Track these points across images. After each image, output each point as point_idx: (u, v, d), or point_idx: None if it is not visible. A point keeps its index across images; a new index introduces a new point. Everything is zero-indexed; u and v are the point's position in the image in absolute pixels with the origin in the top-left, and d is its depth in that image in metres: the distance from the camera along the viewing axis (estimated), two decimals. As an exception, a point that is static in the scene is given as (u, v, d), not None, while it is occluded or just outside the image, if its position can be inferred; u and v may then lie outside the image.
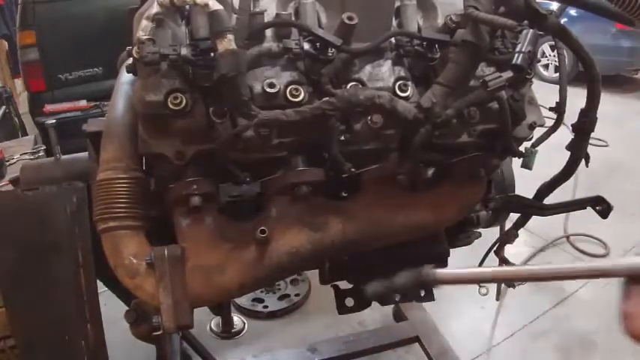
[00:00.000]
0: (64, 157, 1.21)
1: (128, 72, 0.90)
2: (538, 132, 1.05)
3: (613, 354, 2.32)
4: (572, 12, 4.02)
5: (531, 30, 0.77)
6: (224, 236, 0.84)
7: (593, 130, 0.99)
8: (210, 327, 2.55)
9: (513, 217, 1.22)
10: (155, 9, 0.80)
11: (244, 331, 2.56)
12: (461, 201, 0.97)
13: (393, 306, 2.47)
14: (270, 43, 0.85)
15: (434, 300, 1.00)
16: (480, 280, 0.62)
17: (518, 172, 1.21)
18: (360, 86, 0.87)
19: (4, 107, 3.58)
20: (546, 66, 5.92)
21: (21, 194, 1.08)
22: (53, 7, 3.78)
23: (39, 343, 1.11)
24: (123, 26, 1.02)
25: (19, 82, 5.22)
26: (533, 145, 1.04)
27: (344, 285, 0.99)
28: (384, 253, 0.92)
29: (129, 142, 0.88)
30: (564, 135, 1.07)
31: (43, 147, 1.70)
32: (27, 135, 3.44)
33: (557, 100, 1.00)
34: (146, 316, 0.81)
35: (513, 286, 2.20)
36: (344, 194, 0.94)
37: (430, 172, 1.02)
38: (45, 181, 1.13)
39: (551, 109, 1.02)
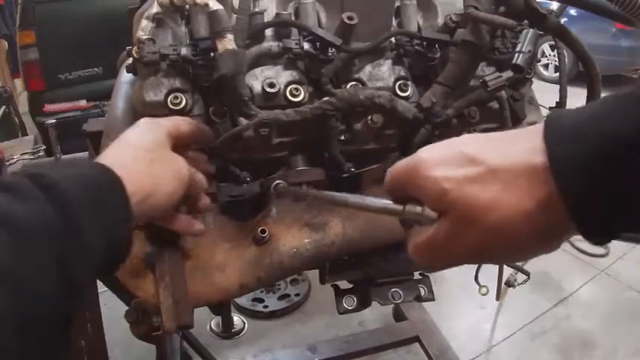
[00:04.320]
0: (64, 157, 1.21)
1: (128, 72, 0.90)
2: (538, 132, 1.05)
3: (613, 354, 2.32)
4: (572, 12, 4.02)
5: (531, 30, 0.77)
6: (224, 236, 0.84)
7: (593, 130, 0.99)
8: (211, 327, 2.55)
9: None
10: (155, 9, 0.80)
11: (244, 331, 2.57)
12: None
13: (393, 306, 2.48)
14: (270, 43, 0.85)
15: (434, 300, 1.00)
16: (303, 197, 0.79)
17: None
18: (360, 86, 0.87)
19: (4, 107, 3.58)
20: (546, 66, 5.93)
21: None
22: (53, 7, 3.79)
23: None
24: (123, 26, 1.02)
25: (19, 82, 5.23)
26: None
27: (344, 285, 0.99)
28: (384, 252, 0.92)
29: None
30: (564, 135, 1.07)
31: (43, 147, 1.70)
32: (27, 135, 3.44)
33: (558, 100, 1.00)
34: (146, 316, 0.81)
35: (514, 286, 2.20)
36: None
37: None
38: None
39: (551, 108, 1.02)
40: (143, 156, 0.65)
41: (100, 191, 0.56)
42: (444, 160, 0.48)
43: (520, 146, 0.45)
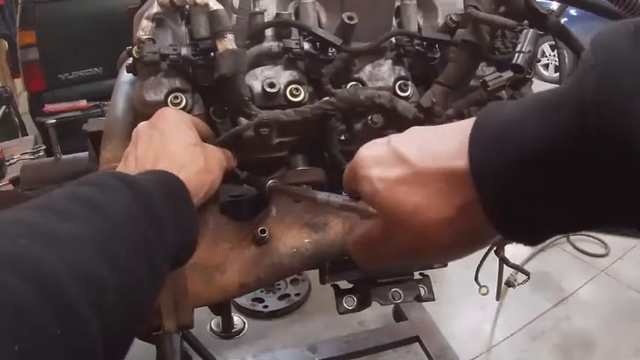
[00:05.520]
0: (64, 157, 1.21)
1: (128, 72, 0.90)
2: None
3: (613, 354, 2.32)
4: (572, 12, 4.02)
5: (531, 30, 0.77)
6: (224, 236, 0.84)
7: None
8: (211, 327, 2.55)
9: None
10: (155, 9, 0.80)
11: (244, 330, 2.57)
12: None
13: (393, 306, 2.48)
14: (270, 43, 0.85)
15: (434, 300, 1.00)
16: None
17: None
18: (360, 86, 0.87)
19: (4, 107, 3.58)
20: (546, 66, 5.92)
21: (21, 194, 1.08)
22: (53, 7, 3.79)
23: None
24: (123, 26, 1.02)
25: (19, 82, 5.23)
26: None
27: (344, 285, 0.99)
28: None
29: (129, 142, 0.88)
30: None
31: (43, 147, 1.70)
32: (27, 135, 3.44)
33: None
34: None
35: (514, 286, 2.20)
36: (344, 194, 0.94)
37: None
38: (45, 181, 1.13)
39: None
40: (196, 153, 0.70)
41: (170, 192, 0.60)
42: (379, 160, 0.50)
43: (447, 146, 0.45)
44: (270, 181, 0.78)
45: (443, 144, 0.46)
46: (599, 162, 0.35)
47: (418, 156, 0.47)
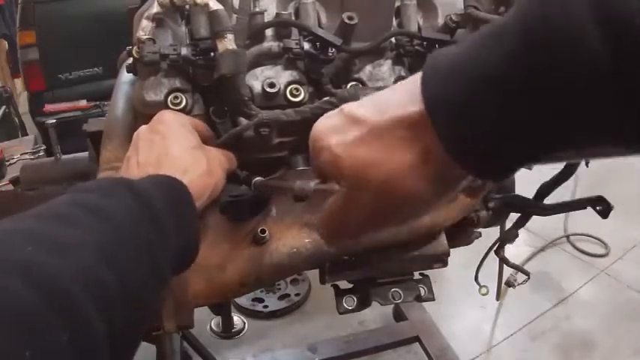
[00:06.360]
0: (64, 157, 1.21)
1: (128, 72, 0.90)
2: (538, 132, 1.05)
3: (613, 354, 2.32)
4: (572, 12, 4.02)
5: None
6: (224, 236, 0.84)
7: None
8: (211, 327, 2.55)
9: (513, 216, 1.23)
10: (155, 9, 0.81)
11: (244, 331, 2.56)
12: (460, 201, 0.97)
13: (393, 306, 2.48)
14: (270, 43, 0.86)
15: (434, 300, 1.00)
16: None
17: (518, 172, 1.20)
18: (361, 86, 0.87)
19: (4, 107, 3.58)
20: (546, 66, 5.92)
21: (21, 194, 1.08)
22: (53, 7, 3.78)
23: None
24: (123, 26, 1.02)
25: (19, 82, 5.22)
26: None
27: (344, 285, 0.99)
28: (384, 252, 0.92)
29: (129, 142, 0.88)
30: (564, 135, 1.07)
31: (43, 147, 1.70)
32: (27, 135, 3.44)
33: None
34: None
35: (514, 286, 2.20)
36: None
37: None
38: (45, 181, 1.13)
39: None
40: (199, 156, 0.70)
41: (173, 196, 0.60)
42: (335, 128, 0.49)
43: (400, 96, 0.45)
44: (257, 178, 0.78)
45: (395, 95, 0.46)
46: (547, 78, 0.35)
47: (372, 113, 0.46)
